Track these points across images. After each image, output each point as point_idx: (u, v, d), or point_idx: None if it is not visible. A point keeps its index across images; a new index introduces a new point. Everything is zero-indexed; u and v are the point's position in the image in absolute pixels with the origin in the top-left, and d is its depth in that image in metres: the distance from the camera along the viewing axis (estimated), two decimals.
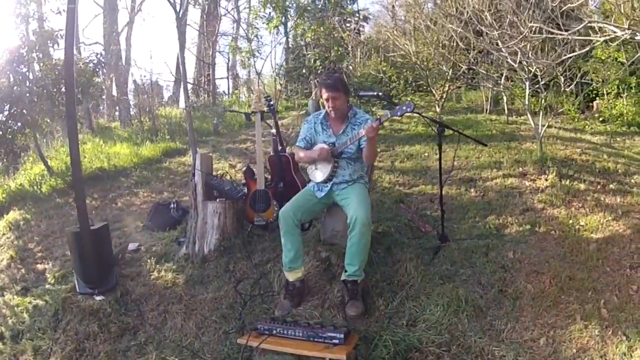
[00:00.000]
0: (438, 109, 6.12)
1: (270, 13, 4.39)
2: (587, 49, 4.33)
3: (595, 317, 2.52)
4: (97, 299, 3.10)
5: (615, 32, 3.00)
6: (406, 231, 3.54)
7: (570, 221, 3.54)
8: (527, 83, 4.75)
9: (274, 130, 3.95)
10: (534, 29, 3.82)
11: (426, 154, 5.33)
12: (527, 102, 4.97)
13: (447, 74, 6.07)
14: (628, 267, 2.92)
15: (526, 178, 4.37)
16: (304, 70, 6.09)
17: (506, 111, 7.04)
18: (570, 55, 4.15)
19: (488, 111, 7.75)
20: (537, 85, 4.82)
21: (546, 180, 4.22)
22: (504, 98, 7.05)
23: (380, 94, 3.29)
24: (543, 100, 5.73)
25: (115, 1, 9.72)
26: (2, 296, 3.61)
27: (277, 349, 2.40)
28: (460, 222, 3.72)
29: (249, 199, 3.69)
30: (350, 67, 6.89)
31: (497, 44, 4.56)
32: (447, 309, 2.63)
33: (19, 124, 5.53)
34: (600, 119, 6.31)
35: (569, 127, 6.36)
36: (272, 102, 3.91)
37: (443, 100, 6.18)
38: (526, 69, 4.59)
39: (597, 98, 6.54)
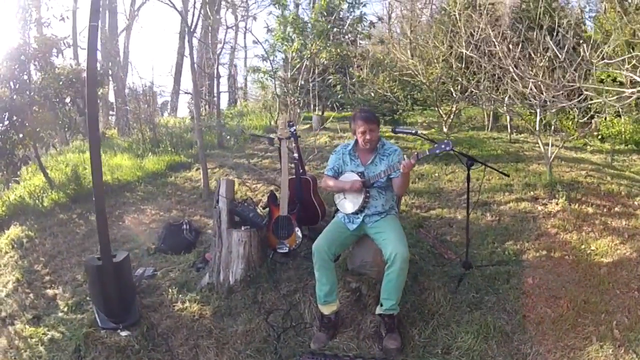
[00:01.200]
0: (445, 129, 6.52)
1: (289, 33, 4.66)
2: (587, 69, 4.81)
3: (609, 337, 2.89)
4: (122, 335, 3.12)
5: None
6: (430, 258, 3.88)
7: (583, 246, 3.94)
8: (538, 110, 5.18)
9: (296, 154, 4.24)
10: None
11: (436, 174, 5.69)
12: (537, 128, 5.38)
13: (455, 93, 6.48)
14: (636, 290, 3.33)
15: (538, 202, 4.77)
16: (302, 82, 6.36)
17: (509, 129, 7.51)
18: (578, 85, 4.55)
19: (489, 128, 8.24)
20: (546, 113, 5.25)
21: (557, 204, 4.64)
22: (507, 117, 7.50)
23: (418, 132, 3.58)
24: (543, 119, 6.22)
25: (114, 6, 9.84)
26: (12, 325, 3.62)
27: None
28: (479, 247, 4.07)
29: (272, 225, 3.95)
30: (356, 84, 7.25)
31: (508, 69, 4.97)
32: (478, 336, 2.95)
33: (20, 134, 5.56)
34: (599, 137, 6.82)
35: (569, 146, 6.86)
36: (294, 127, 4.21)
37: (450, 119, 6.57)
38: (537, 97, 4.99)
39: (596, 116, 7.06)
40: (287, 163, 4.02)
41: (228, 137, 5.98)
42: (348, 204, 3.25)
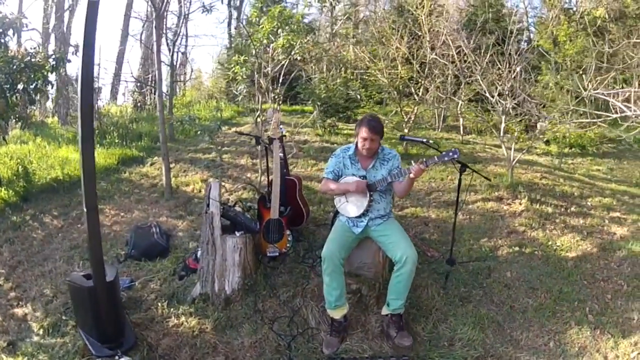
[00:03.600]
0: (406, 130, 7.13)
1: (275, 28, 4.82)
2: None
3: (585, 322, 3.56)
4: None
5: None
6: None
7: (549, 242, 4.70)
8: (503, 117, 5.94)
9: (281, 154, 4.45)
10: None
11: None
12: (502, 134, 6.15)
13: (416, 95, 7.13)
14: (601, 280, 4.11)
15: (503, 202, 5.51)
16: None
17: (461, 131, 8.36)
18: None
19: (440, 128, 9.08)
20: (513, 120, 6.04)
21: (520, 204, 5.40)
22: (460, 118, 8.35)
23: (426, 140, 3.99)
24: (489, 121, 7.12)
25: None
26: None
27: None
28: (457, 245, 4.63)
29: (262, 228, 4.16)
30: (316, 82, 7.61)
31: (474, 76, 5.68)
32: (475, 327, 3.48)
33: None
34: (545, 139, 7.86)
35: (516, 148, 7.82)
36: (282, 128, 4.43)
37: (411, 120, 7.21)
38: (503, 104, 5.74)
39: (541, 120, 8.12)
40: (279, 164, 4.20)
41: (198, 132, 5.95)
42: (351, 207, 3.57)
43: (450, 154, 3.33)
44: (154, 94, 9.25)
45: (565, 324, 3.57)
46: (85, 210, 2.84)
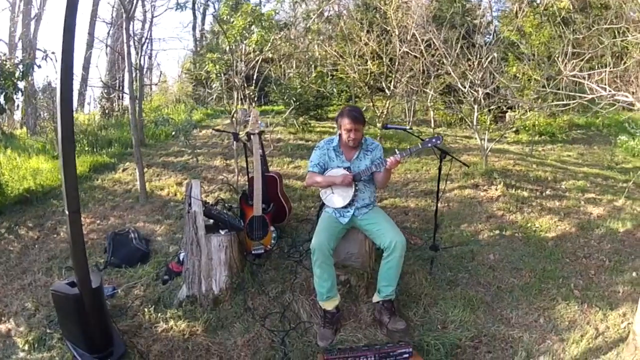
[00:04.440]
0: (379, 125, 7.19)
1: (249, 25, 4.76)
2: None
3: (572, 297, 3.66)
4: None
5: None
6: None
7: (528, 224, 4.80)
8: (476, 107, 6.07)
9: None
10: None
11: None
12: (475, 123, 6.27)
13: (387, 90, 7.20)
14: (583, 257, 4.23)
15: (479, 189, 5.61)
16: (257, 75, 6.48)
17: (432, 124, 8.51)
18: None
19: (410, 123, 9.20)
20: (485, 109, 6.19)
21: (496, 190, 5.51)
22: (431, 111, 8.48)
23: (408, 128, 4.03)
24: (460, 113, 7.28)
25: None
26: None
27: None
28: (439, 231, 4.67)
29: (245, 226, 4.11)
30: (291, 76, 7.58)
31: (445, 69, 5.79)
32: (465, 309, 3.53)
33: None
34: (514, 129, 8.07)
35: (487, 137, 8.02)
36: (263, 123, 4.37)
37: (384, 115, 7.27)
38: (474, 94, 5.87)
39: (510, 110, 8.33)
40: (259, 160, 4.14)
41: (173, 133, 5.82)
42: (337, 199, 3.58)
43: (434, 140, 3.39)
44: (122, 99, 9.06)
45: (553, 300, 3.66)
46: (67, 212, 2.72)
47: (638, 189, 5.64)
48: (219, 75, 5.04)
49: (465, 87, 5.93)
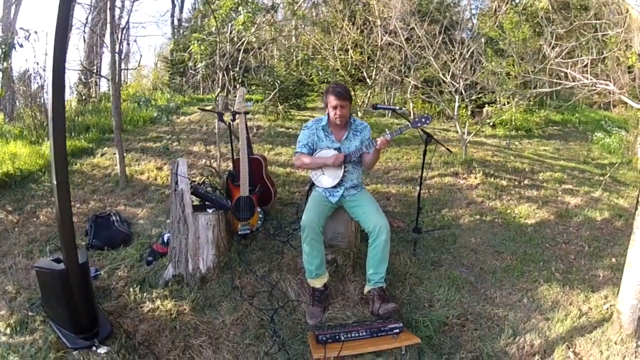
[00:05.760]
0: (360, 114, 7.24)
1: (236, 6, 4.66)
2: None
3: (553, 279, 3.79)
4: (101, 352, 2.81)
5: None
6: None
7: (508, 211, 4.93)
8: (457, 97, 6.17)
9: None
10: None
11: None
12: (456, 113, 6.38)
13: (369, 80, 7.25)
14: (562, 243, 4.38)
15: (459, 177, 5.72)
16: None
17: (412, 115, 8.59)
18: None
19: (389, 114, 9.28)
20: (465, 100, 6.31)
21: (476, 178, 5.64)
22: (410, 102, 8.58)
23: (397, 109, 4.04)
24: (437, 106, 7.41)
25: None
26: None
27: (356, 352, 2.85)
28: (420, 216, 4.72)
29: (232, 206, 4.06)
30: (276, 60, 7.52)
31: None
32: (450, 288, 3.60)
33: None
34: (491, 123, 8.25)
35: (467, 129, 8.19)
36: (250, 103, 4.32)
37: (365, 105, 7.32)
38: (456, 85, 5.97)
39: (487, 105, 8.51)
40: (245, 139, 4.10)
41: (156, 114, 5.67)
42: (326, 179, 3.58)
43: (424, 119, 3.40)
44: (99, 85, 8.81)
45: (535, 282, 3.77)
46: (54, 183, 2.59)
47: (614, 183, 5.86)
48: (203, 55, 4.95)
49: (447, 78, 6.03)
